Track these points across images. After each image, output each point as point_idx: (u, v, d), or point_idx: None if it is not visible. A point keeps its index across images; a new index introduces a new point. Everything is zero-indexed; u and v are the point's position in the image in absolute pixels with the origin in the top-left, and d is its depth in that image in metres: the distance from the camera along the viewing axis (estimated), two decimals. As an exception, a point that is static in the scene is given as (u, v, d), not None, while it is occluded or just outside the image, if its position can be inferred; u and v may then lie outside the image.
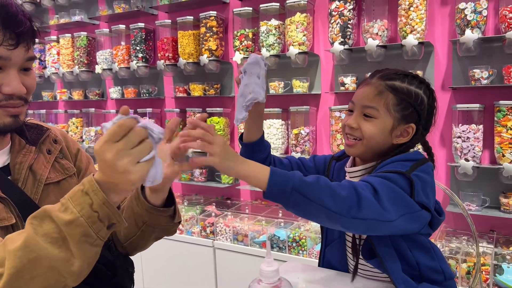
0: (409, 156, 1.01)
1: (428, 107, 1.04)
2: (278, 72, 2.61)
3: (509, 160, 1.93)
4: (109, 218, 0.71)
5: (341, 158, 1.19)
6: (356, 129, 1.02)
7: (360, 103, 1.03)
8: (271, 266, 0.68)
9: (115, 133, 0.64)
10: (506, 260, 1.92)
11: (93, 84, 3.48)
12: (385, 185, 0.88)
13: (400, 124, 1.01)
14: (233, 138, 2.87)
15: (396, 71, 1.05)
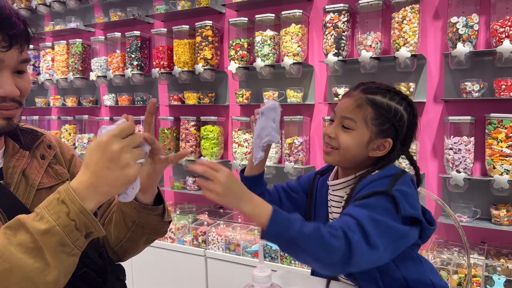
0: (384, 173, 1.01)
1: (408, 123, 1.04)
2: (273, 82, 2.63)
3: (500, 172, 1.95)
4: (87, 226, 0.70)
5: (324, 172, 1.22)
6: (334, 139, 1.04)
7: (340, 113, 1.05)
8: (264, 271, 0.68)
9: (124, 130, 0.69)
10: (497, 272, 1.93)
11: (87, 91, 3.47)
12: (372, 220, 0.88)
13: (377, 138, 1.02)
14: (227, 147, 2.87)
15: (379, 86, 1.06)
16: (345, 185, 1.08)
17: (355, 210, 0.92)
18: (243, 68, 2.60)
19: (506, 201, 2.07)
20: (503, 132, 1.94)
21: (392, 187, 0.96)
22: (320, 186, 1.20)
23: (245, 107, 2.78)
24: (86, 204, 0.69)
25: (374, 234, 0.86)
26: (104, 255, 1.05)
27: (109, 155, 0.68)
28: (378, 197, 0.94)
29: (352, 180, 1.06)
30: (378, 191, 0.95)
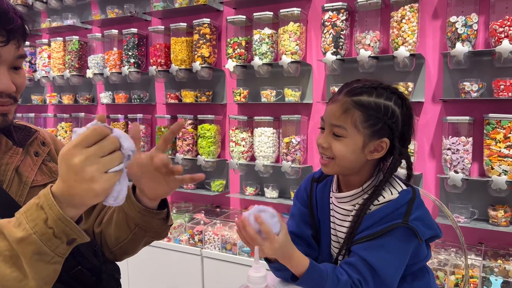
0: (398, 203, 0.96)
1: (402, 117, 0.99)
2: (270, 80, 2.61)
3: (498, 173, 1.94)
4: (67, 234, 0.66)
5: (321, 179, 1.16)
6: (327, 149, 0.99)
7: (329, 121, 0.99)
8: (259, 272, 0.66)
9: (88, 137, 0.61)
10: (494, 273, 1.92)
11: (84, 88, 3.45)
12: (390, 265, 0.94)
13: (371, 140, 0.97)
14: (224, 146, 2.86)
15: (363, 84, 0.99)
16: (351, 198, 1.04)
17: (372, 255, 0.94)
18: (240, 67, 2.58)
19: (503, 202, 2.06)
20: (501, 132, 1.93)
21: (409, 217, 0.94)
22: (320, 196, 1.14)
23: (243, 106, 2.76)
24: (66, 210, 0.65)
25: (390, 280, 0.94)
26: (99, 254, 1.04)
27: (72, 170, 0.61)
28: (395, 232, 0.94)
29: (359, 193, 1.02)
30: (395, 225, 0.94)
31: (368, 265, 0.94)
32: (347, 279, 0.93)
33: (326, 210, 1.11)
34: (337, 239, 1.08)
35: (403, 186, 1.01)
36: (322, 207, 1.12)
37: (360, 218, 0.99)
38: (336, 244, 1.08)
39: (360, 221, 0.99)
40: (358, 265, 0.95)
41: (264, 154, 2.54)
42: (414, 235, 0.95)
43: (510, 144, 1.92)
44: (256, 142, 2.57)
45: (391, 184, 1.02)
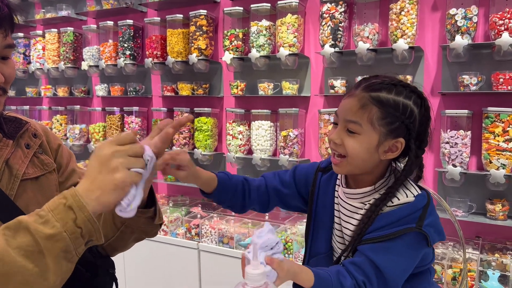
0: (415, 207, 0.93)
1: (420, 118, 0.95)
2: (268, 73, 2.58)
3: (496, 167, 1.93)
4: (90, 234, 0.69)
5: (327, 169, 1.12)
6: (340, 145, 0.95)
7: (343, 116, 0.95)
8: (257, 269, 0.65)
9: (122, 138, 0.71)
10: (492, 267, 1.92)
11: (79, 81, 3.41)
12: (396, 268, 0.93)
13: (387, 139, 0.93)
14: (221, 139, 2.83)
15: (382, 81, 0.95)
16: (362, 195, 1.00)
17: (380, 258, 0.92)
18: (238, 59, 2.55)
19: (501, 196, 2.05)
20: (500, 126, 1.92)
21: (423, 222, 0.92)
22: (324, 187, 1.11)
23: (240, 99, 2.74)
24: (90, 207, 0.69)
25: (395, 285, 0.93)
26: (93, 249, 1.02)
27: (100, 159, 0.69)
28: (407, 237, 0.92)
29: (371, 191, 0.99)
30: (408, 229, 0.92)
31: (375, 267, 0.92)
32: (350, 285, 0.91)
33: (329, 203, 1.09)
34: (341, 235, 1.06)
35: (417, 190, 0.98)
36: (324, 200, 1.10)
37: (371, 218, 0.95)
38: (340, 240, 1.06)
39: (371, 221, 0.96)
40: (364, 266, 0.93)
41: (261, 147, 2.52)
42: (425, 241, 0.93)
43: (509, 138, 1.91)
44: (253, 136, 2.55)
45: (405, 186, 0.98)
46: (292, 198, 1.16)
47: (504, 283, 1.84)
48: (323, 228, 1.10)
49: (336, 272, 0.92)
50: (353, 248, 0.98)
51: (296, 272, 0.86)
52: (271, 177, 1.17)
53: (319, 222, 1.11)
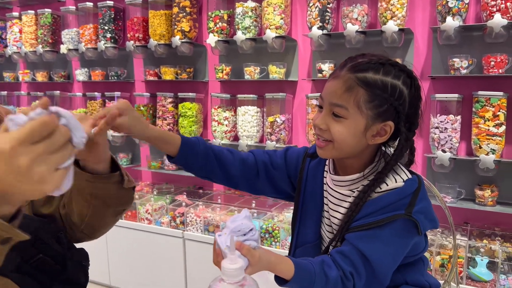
0: (403, 192, 0.88)
1: (410, 99, 0.88)
2: (254, 56, 2.50)
3: (486, 152, 1.90)
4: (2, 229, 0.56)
5: (315, 155, 1.05)
6: (325, 131, 0.89)
7: (328, 100, 0.89)
8: (235, 263, 0.58)
9: (35, 133, 0.50)
10: (480, 253, 1.90)
11: (58, 65, 3.28)
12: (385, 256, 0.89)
13: (375, 123, 0.87)
14: (206, 125, 2.76)
15: (369, 60, 0.88)
16: (351, 183, 0.95)
17: (368, 246, 0.87)
18: (222, 42, 2.46)
19: (490, 182, 2.03)
20: (490, 110, 1.88)
21: (412, 208, 0.86)
22: (312, 173, 1.05)
23: (225, 83, 2.65)
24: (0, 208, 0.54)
25: (384, 275, 0.88)
26: (62, 240, 0.95)
27: (17, 171, 0.49)
28: (396, 224, 0.87)
29: (359, 178, 0.94)
30: (397, 216, 0.86)
31: (363, 256, 0.87)
32: (336, 276, 0.86)
33: (318, 190, 1.03)
34: (329, 223, 1.00)
35: (408, 174, 0.93)
36: (313, 186, 1.04)
37: (359, 205, 0.90)
38: (329, 229, 1.01)
39: (359, 208, 0.90)
40: (351, 256, 0.88)
41: (248, 133, 2.45)
42: (415, 228, 0.88)
43: (499, 123, 1.87)
44: (239, 121, 2.47)
45: (395, 170, 0.93)
46: (281, 181, 1.09)
47: (492, 269, 1.82)
48: (311, 217, 1.04)
49: (321, 262, 0.87)
50: (341, 237, 0.93)
51: (273, 262, 0.80)
52: (261, 153, 1.10)
53: (307, 210, 1.05)
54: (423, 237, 0.94)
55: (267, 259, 0.79)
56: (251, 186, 1.09)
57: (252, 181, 1.08)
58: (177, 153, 0.95)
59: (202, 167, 1.01)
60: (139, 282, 2.66)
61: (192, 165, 0.99)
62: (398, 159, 0.92)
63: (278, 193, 1.12)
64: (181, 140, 0.96)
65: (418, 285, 0.99)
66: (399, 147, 0.91)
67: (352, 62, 0.89)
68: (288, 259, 0.83)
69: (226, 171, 1.04)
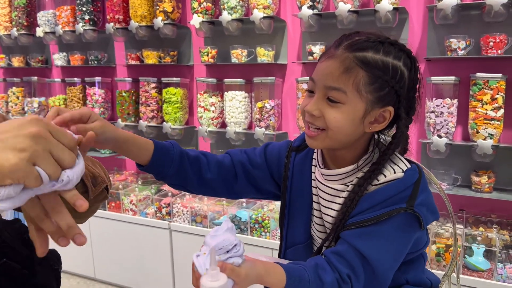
0: (403, 184, 0.80)
1: (409, 81, 0.80)
2: (241, 38, 2.38)
3: (483, 137, 1.82)
4: None
5: (301, 148, 0.97)
6: (318, 117, 0.79)
7: (323, 82, 0.78)
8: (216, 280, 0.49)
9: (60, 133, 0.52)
10: (476, 241, 1.84)
11: (35, 49, 3.12)
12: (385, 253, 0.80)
13: (374, 108, 0.79)
14: (192, 111, 2.64)
15: (367, 38, 0.78)
16: (344, 176, 0.86)
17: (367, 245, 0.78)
18: (208, 23, 2.33)
19: (487, 167, 1.96)
20: (488, 93, 1.80)
21: (414, 201, 0.78)
22: (299, 169, 0.95)
23: (211, 67, 2.53)
24: None
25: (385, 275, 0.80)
26: (29, 242, 0.85)
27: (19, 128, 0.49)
28: (396, 219, 0.78)
29: (353, 170, 0.85)
30: (398, 210, 0.77)
31: (361, 256, 0.78)
32: (332, 279, 0.77)
33: (306, 187, 0.93)
34: (321, 222, 0.91)
35: (406, 164, 0.83)
36: (301, 183, 0.94)
37: (355, 200, 0.81)
38: (320, 228, 0.91)
39: (355, 203, 0.81)
40: (348, 256, 0.79)
41: (236, 120, 2.35)
42: (418, 222, 0.79)
43: (497, 106, 1.79)
44: (226, 107, 2.36)
45: (392, 160, 0.83)
46: (263, 181, 0.99)
47: (489, 258, 1.77)
48: (300, 216, 0.94)
49: (314, 266, 0.78)
50: (335, 236, 0.84)
51: (261, 275, 0.70)
52: (238, 153, 0.99)
53: (295, 209, 0.95)
54: (424, 231, 0.86)
55: (255, 273, 0.69)
56: (230, 190, 0.98)
57: (231, 184, 0.97)
58: (149, 160, 0.83)
59: (176, 174, 0.88)
60: (125, 275, 2.57)
61: (166, 172, 0.87)
62: (396, 147, 0.83)
63: (261, 194, 1.02)
64: (153, 145, 0.84)
65: (419, 284, 0.91)
66: (398, 135, 0.82)
67: (349, 40, 0.79)
68: (278, 267, 0.74)
69: (201, 176, 0.92)
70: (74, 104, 2.83)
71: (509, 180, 1.94)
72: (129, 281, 2.58)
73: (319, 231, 0.92)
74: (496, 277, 1.71)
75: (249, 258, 0.70)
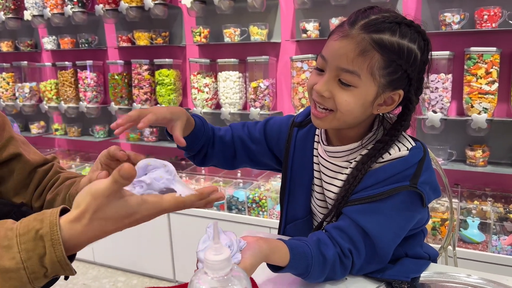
0: (408, 162, 0.79)
1: (420, 63, 0.78)
2: (234, 17, 2.34)
3: (478, 111, 1.83)
4: (57, 273, 0.53)
5: (303, 124, 0.96)
6: (328, 99, 0.77)
7: (336, 63, 0.75)
8: (220, 253, 0.49)
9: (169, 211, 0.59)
10: (471, 215, 1.87)
11: (24, 33, 3.05)
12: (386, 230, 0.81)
13: (385, 91, 0.77)
14: (186, 93, 2.62)
15: (384, 18, 0.74)
16: (348, 153, 0.86)
17: (369, 221, 0.79)
18: (199, 2, 2.29)
19: (481, 142, 1.97)
20: (483, 67, 1.80)
21: (417, 179, 0.78)
22: (301, 144, 0.95)
23: (204, 47, 2.50)
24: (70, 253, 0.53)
25: (386, 252, 0.81)
26: None
27: None
28: (400, 196, 0.78)
29: (357, 148, 0.85)
30: (402, 187, 0.78)
31: (362, 232, 0.79)
32: (334, 254, 0.78)
33: (308, 162, 0.94)
34: (323, 198, 0.92)
35: (411, 142, 0.83)
36: (302, 158, 0.94)
37: (358, 177, 0.81)
38: (322, 203, 0.92)
39: (358, 180, 0.81)
40: (350, 231, 0.80)
41: (230, 101, 2.33)
42: (420, 200, 0.80)
43: (492, 80, 1.79)
44: (220, 88, 2.34)
45: (397, 138, 0.83)
46: (261, 156, 1.00)
47: (484, 231, 1.79)
48: (301, 191, 0.95)
49: (317, 242, 0.78)
50: (337, 212, 0.84)
51: (267, 254, 0.70)
52: (239, 128, 1.01)
53: (296, 184, 0.96)
54: (426, 209, 0.87)
55: (261, 256, 0.69)
56: (229, 164, 1.02)
57: (230, 159, 1.00)
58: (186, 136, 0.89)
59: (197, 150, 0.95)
60: (124, 258, 2.59)
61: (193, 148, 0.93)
62: (405, 129, 0.83)
63: (260, 166, 1.05)
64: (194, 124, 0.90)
65: (418, 257, 0.92)
66: (408, 118, 0.82)
67: (365, 19, 0.75)
68: (282, 244, 0.74)
69: (206, 154, 0.97)
70: (66, 88, 2.79)
71: (503, 154, 1.96)
72: (128, 264, 2.60)
73: (320, 206, 0.92)
74: (490, 249, 1.74)
75: (251, 240, 0.70)
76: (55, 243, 0.50)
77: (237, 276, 0.51)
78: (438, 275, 0.85)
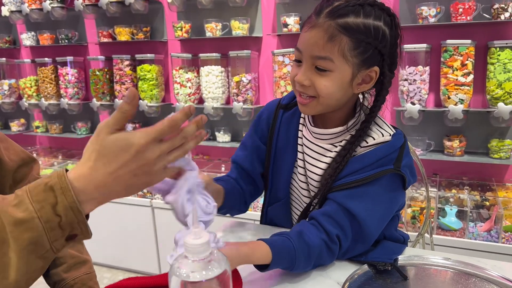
0: (392, 147, 0.84)
1: (391, 39, 0.81)
2: (215, 12, 2.35)
3: (454, 102, 1.88)
4: (72, 227, 0.54)
5: (289, 106, 1.00)
6: (309, 87, 0.82)
7: (310, 53, 0.80)
8: (200, 237, 0.51)
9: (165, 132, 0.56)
10: (449, 203, 1.92)
11: (2, 29, 3.00)
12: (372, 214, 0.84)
13: (360, 71, 0.81)
14: (168, 88, 2.61)
15: (347, 2, 0.79)
16: (334, 136, 0.90)
17: (357, 205, 0.82)
18: (180, -3, 2.29)
19: (458, 132, 2.03)
20: (458, 59, 1.85)
21: (400, 163, 0.83)
22: (285, 126, 0.98)
23: (186, 42, 2.50)
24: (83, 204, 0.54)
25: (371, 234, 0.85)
26: None
27: (142, 163, 0.55)
28: (384, 180, 0.83)
29: (343, 131, 0.89)
30: (386, 171, 0.82)
31: (351, 216, 0.82)
32: (319, 241, 0.81)
33: (291, 144, 0.97)
34: (305, 180, 0.94)
35: (391, 128, 0.88)
36: (286, 140, 0.98)
37: (344, 160, 0.85)
38: (304, 186, 0.95)
39: (343, 164, 0.85)
40: (338, 217, 0.83)
41: (213, 95, 2.34)
42: (402, 183, 0.84)
43: (467, 72, 1.85)
44: (203, 83, 2.35)
45: (377, 123, 0.88)
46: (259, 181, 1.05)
47: (461, 218, 1.85)
48: (284, 172, 0.98)
49: (299, 233, 0.81)
50: (322, 197, 0.87)
51: (247, 255, 0.73)
52: (242, 157, 1.03)
53: (279, 165, 0.99)
54: (404, 193, 0.90)
55: (242, 254, 0.72)
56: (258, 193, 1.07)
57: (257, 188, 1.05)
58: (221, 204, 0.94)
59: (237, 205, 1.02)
60: (109, 255, 2.59)
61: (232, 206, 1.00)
62: (381, 103, 0.87)
63: None
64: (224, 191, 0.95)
65: (394, 240, 0.96)
66: (383, 93, 0.85)
67: (329, 7, 0.79)
68: (262, 243, 0.77)
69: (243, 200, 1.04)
70: (47, 85, 2.76)
71: (479, 143, 2.02)
72: (113, 260, 2.59)
73: (302, 189, 0.95)
74: (468, 235, 1.80)
75: (230, 243, 0.73)
76: (65, 190, 0.52)
77: (217, 259, 0.53)
78: (418, 258, 0.88)
